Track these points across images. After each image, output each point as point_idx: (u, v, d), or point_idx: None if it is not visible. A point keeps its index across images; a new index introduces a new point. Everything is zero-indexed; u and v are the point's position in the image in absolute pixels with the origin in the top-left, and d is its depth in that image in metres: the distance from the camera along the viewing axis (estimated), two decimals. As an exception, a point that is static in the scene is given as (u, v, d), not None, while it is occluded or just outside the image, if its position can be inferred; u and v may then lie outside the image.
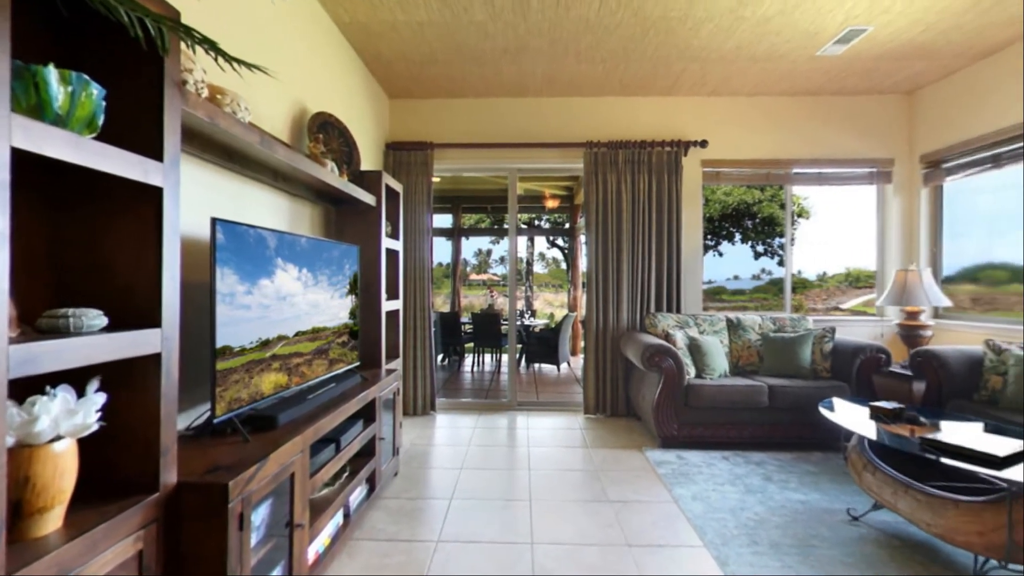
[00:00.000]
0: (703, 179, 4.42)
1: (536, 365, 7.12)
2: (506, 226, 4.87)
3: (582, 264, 7.80)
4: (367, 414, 2.49)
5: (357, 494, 2.36)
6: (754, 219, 4.76)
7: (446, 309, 9.90)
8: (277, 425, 1.74)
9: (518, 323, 6.91)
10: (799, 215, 4.68)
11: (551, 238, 11.95)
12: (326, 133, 2.90)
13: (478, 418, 4.22)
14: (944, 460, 1.90)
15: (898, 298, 3.78)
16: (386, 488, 2.76)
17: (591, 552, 2.12)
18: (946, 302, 3.72)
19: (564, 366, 6.89)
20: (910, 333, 3.80)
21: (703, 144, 4.29)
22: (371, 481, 2.53)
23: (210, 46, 1.17)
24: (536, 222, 11.26)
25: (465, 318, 7.78)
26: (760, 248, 4.77)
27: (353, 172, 3.08)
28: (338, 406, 2.08)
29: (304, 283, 2.14)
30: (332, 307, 2.42)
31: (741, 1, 2.95)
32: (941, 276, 4.20)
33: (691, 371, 3.56)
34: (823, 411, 2.65)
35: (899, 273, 3.85)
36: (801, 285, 4.69)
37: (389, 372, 2.92)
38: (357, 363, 2.73)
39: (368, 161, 3.87)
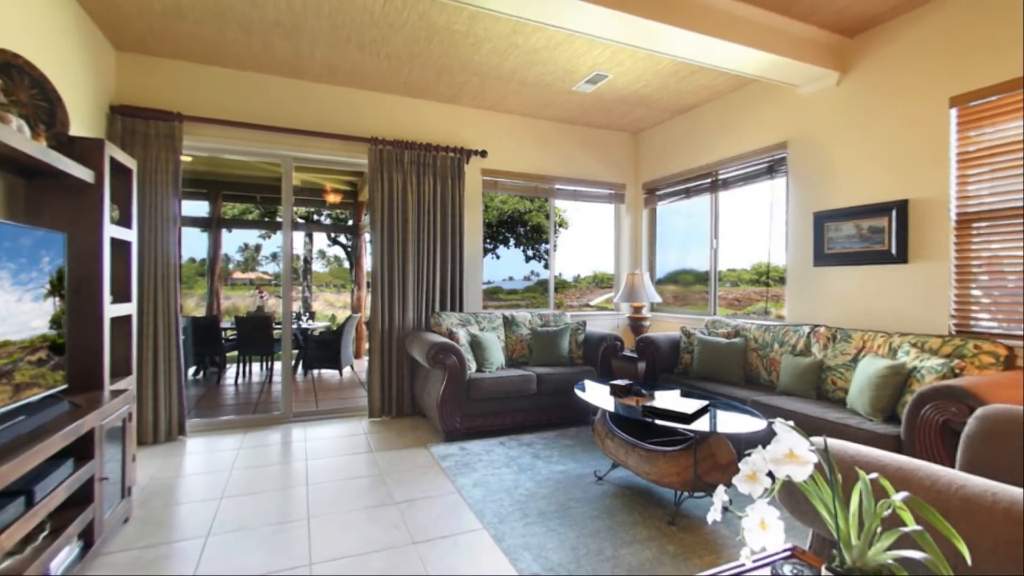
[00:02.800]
0: (483, 186, 4.75)
1: (316, 371, 6.60)
2: (280, 219, 4.39)
3: (367, 263, 7.55)
4: (81, 450, 1.94)
5: (65, 556, 1.81)
6: (525, 226, 5.35)
7: (201, 313, 8.38)
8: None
9: (294, 326, 6.29)
10: (560, 225, 5.45)
11: (333, 235, 11.24)
12: (9, 79, 2.15)
13: (244, 437, 3.69)
14: (657, 421, 2.45)
15: (628, 296, 4.72)
16: (111, 540, 2.19)
17: (377, 558, 2.07)
18: (658, 299, 4.80)
19: (347, 370, 6.56)
20: (636, 324, 4.78)
21: (483, 154, 4.62)
22: (87, 535, 1.98)
23: None
24: (316, 217, 10.43)
25: (227, 322, 6.72)
26: (530, 253, 5.39)
27: (57, 136, 2.35)
28: (30, 445, 1.57)
29: (-32, 281, 1.54)
30: (20, 313, 1.81)
31: (515, 29, 3.27)
32: (655, 278, 5.41)
33: (472, 366, 3.80)
34: (577, 392, 3.12)
35: (629, 276, 4.80)
36: (562, 285, 5.46)
37: (116, 394, 2.33)
38: (63, 386, 2.10)
39: (83, 125, 3.02)
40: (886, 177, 3.18)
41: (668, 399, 2.79)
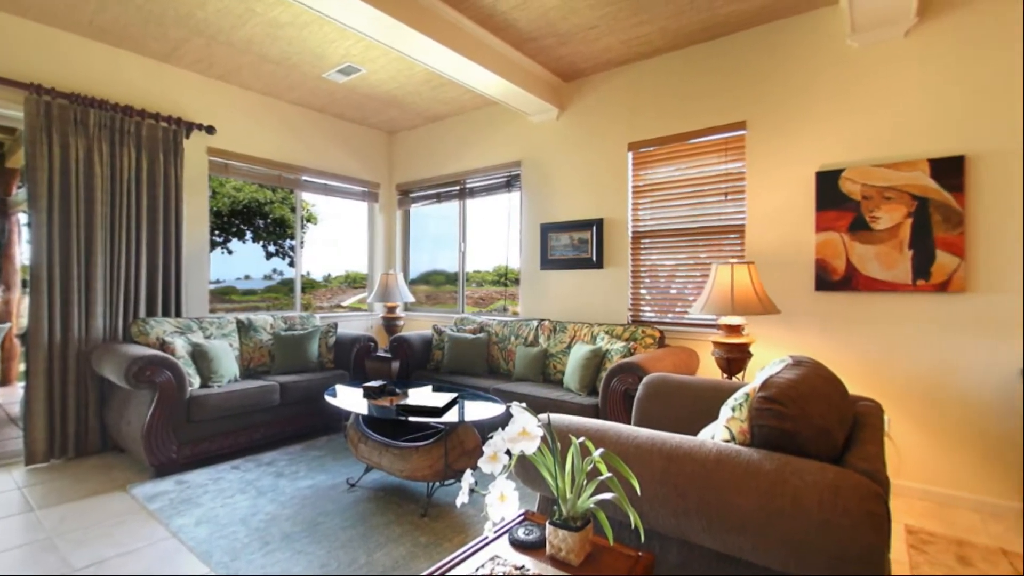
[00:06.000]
0: (210, 168, 4.03)
1: (-80, 410, 4.48)
2: None
3: (21, 254, 5.54)
4: None
5: None
6: (266, 219, 4.75)
7: None
8: None
9: None
10: (309, 220, 5.03)
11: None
12: None
13: None
14: (411, 418, 2.50)
15: (382, 296, 4.69)
16: None
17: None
18: (411, 298, 4.91)
19: (-15, 403, 4.66)
20: (390, 323, 4.78)
21: (210, 130, 3.92)
22: None
23: None
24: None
25: None
26: (272, 249, 4.81)
27: None
28: None
29: None
30: None
31: (253, -6, 2.88)
32: (408, 279, 5.52)
33: (195, 381, 3.18)
34: (328, 398, 2.95)
35: (383, 276, 4.78)
36: (310, 285, 5.05)
37: None
38: None
39: None
40: (589, 199, 3.98)
41: (421, 395, 2.88)
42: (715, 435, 1.47)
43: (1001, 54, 2.52)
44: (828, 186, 2.93)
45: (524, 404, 1.16)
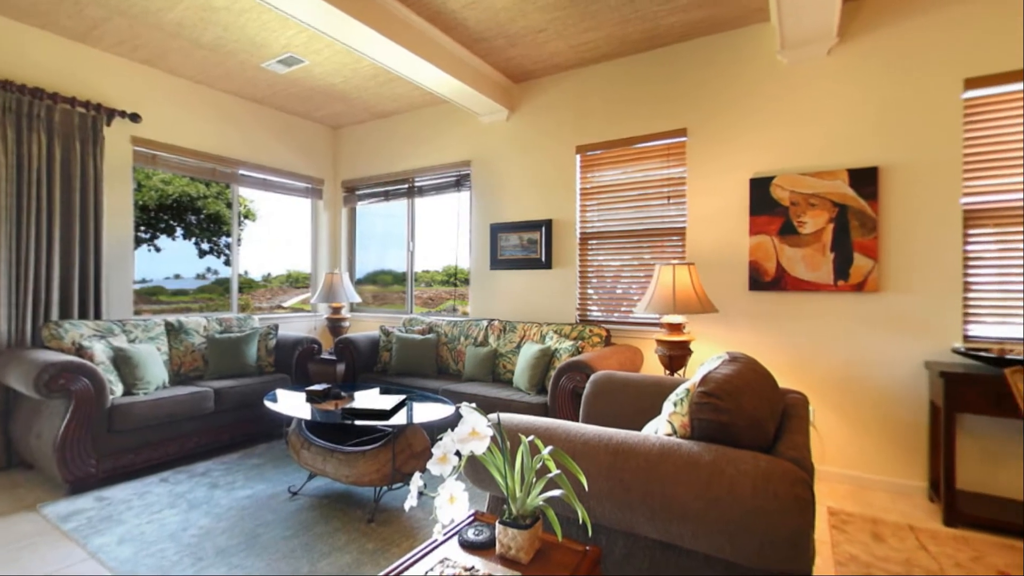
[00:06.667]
0: (135, 159, 3.75)
1: None
2: None
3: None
4: None
5: None
6: (199, 215, 4.47)
7: None
8: None
9: None
10: (246, 216, 4.77)
11: None
12: None
13: None
14: (358, 422, 2.44)
15: (326, 296, 4.53)
16: None
17: None
18: (358, 299, 4.78)
19: None
20: (335, 325, 4.63)
21: (134, 117, 3.64)
22: None
23: None
24: None
25: None
26: (206, 246, 4.52)
27: None
28: None
29: None
30: None
31: (184, -26, 2.70)
32: (355, 278, 5.36)
33: (118, 388, 2.95)
34: (267, 404, 2.81)
35: (327, 276, 4.62)
36: (248, 285, 4.80)
37: None
38: None
39: None
40: (539, 200, 4.02)
41: (368, 398, 2.81)
42: (658, 430, 1.52)
43: (908, 76, 2.77)
44: (760, 192, 3.11)
45: (474, 404, 1.16)
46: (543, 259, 3.96)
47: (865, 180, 2.84)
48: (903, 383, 2.78)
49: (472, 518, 1.37)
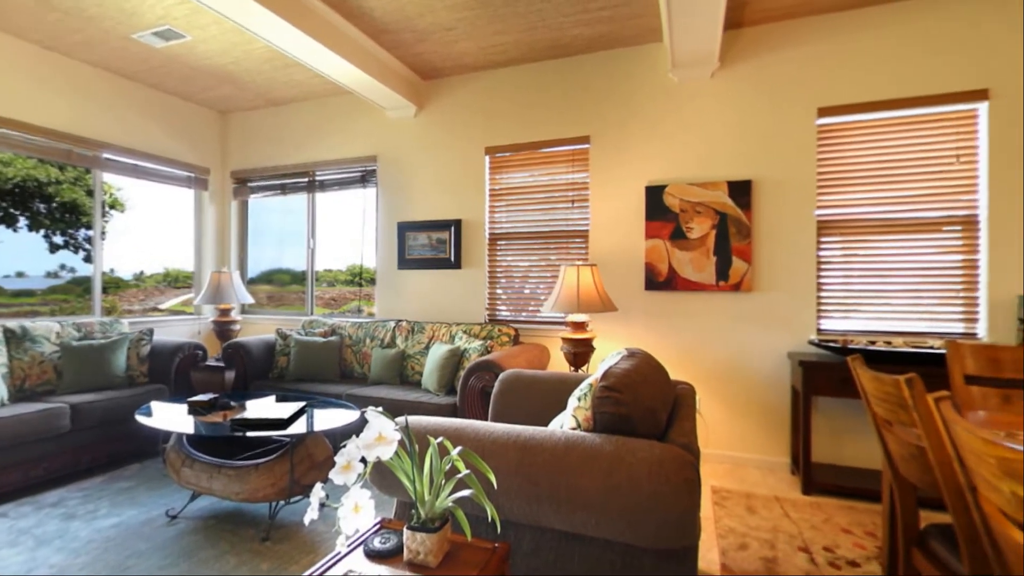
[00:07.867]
0: (-39, 134, 3.13)
1: None
2: None
3: None
4: None
5: None
6: (50, 203, 3.83)
7: None
8: None
9: None
10: (112, 206, 4.17)
11: None
12: None
13: None
14: (250, 434, 2.24)
15: (213, 297, 4.12)
16: None
17: None
18: (250, 299, 4.41)
19: None
20: (223, 328, 4.23)
21: (-39, 85, 3.04)
22: None
23: None
24: None
25: None
26: (59, 240, 3.88)
27: None
28: None
29: None
30: None
31: (29, -79, 2.31)
32: (247, 278, 4.94)
33: (-64, 410, 2.44)
34: (140, 418, 2.50)
35: (214, 275, 4.20)
36: (115, 285, 4.22)
37: None
38: None
39: None
40: (448, 199, 3.99)
41: (262, 407, 2.60)
42: (564, 424, 1.58)
43: (773, 101, 3.15)
44: (654, 199, 3.36)
45: (380, 408, 1.12)
46: (452, 259, 3.93)
47: (741, 191, 3.18)
48: (771, 371, 3.16)
49: (378, 526, 1.32)
